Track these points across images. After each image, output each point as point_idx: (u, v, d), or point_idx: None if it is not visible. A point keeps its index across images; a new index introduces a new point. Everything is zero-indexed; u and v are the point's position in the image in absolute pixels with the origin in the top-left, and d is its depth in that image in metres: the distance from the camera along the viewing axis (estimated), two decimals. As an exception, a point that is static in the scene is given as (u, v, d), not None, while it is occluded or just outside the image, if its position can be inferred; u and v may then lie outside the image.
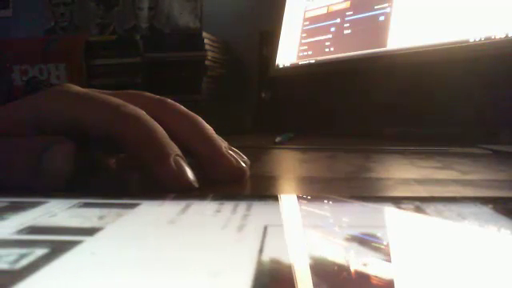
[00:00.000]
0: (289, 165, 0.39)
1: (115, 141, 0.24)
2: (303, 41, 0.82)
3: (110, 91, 0.27)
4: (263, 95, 0.94)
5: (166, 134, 0.24)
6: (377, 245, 0.14)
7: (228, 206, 0.18)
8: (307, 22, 0.82)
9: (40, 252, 0.12)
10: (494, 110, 0.60)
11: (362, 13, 0.70)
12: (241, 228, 0.15)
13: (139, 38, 0.98)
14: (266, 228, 0.15)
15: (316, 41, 0.78)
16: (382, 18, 0.66)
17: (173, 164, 0.23)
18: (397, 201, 0.19)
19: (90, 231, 0.15)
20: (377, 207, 0.19)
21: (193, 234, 0.15)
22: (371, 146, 0.51)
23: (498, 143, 0.48)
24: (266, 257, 0.12)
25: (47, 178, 0.22)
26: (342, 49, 0.72)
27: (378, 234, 0.16)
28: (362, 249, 0.13)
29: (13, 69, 1.02)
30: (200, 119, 0.27)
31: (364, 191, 0.24)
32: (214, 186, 0.25)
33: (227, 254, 0.13)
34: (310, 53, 0.79)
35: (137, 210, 0.18)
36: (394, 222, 0.18)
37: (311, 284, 0.11)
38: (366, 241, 0.14)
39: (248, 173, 0.26)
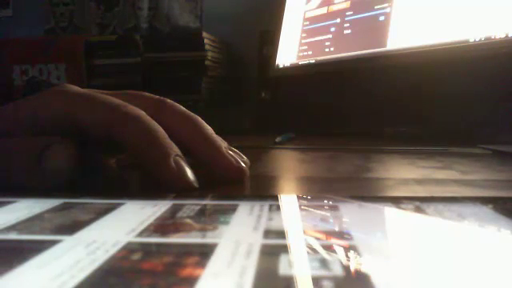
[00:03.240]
0: (289, 165, 0.39)
1: (115, 141, 0.24)
2: (303, 41, 0.82)
3: (110, 91, 0.27)
4: (263, 95, 0.94)
5: (165, 134, 0.24)
6: (377, 245, 0.14)
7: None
8: (307, 22, 0.82)
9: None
10: (494, 109, 0.60)
11: (361, 13, 0.70)
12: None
13: (139, 38, 0.98)
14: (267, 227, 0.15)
15: (316, 41, 0.78)
16: (382, 18, 0.66)
17: (173, 164, 0.23)
18: (397, 201, 0.19)
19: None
20: (377, 207, 0.19)
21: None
22: (371, 146, 0.51)
23: (498, 143, 0.48)
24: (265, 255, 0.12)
25: (47, 177, 0.22)
26: (342, 49, 0.72)
27: (378, 234, 0.16)
28: (361, 249, 0.13)
29: (13, 69, 1.02)
30: (200, 119, 0.27)
31: (364, 191, 0.24)
32: (214, 186, 0.25)
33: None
34: (309, 53, 0.79)
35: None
36: (393, 221, 0.18)
37: (311, 284, 0.11)
38: (365, 241, 0.14)
39: (248, 173, 0.26)
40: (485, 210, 0.18)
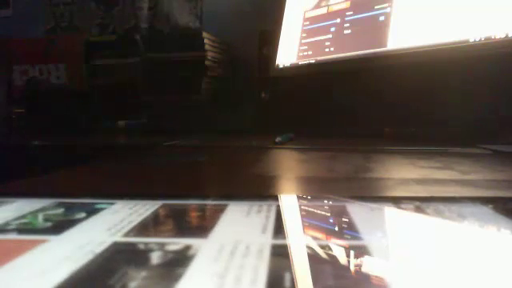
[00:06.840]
0: (289, 165, 0.39)
1: None
2: (303, 41, 0.82)
3: None
4: (263, 95, 0.94)
5: None
6: (377, 245, 0.14)
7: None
8: (307, 22, 0.82)
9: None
10: (493, 110, 0.60)
11: (362, 13, 0.70)
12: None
13: (139, 38, 0.98)
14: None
15: (316, 41, 0.78)
16: (382, 18, 0.66)
17: None
18: (397, 201, 0.19)
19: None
20: (377, 207, 0.19)
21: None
22: (371, 146, 0.51)
23: (498, 143, 0.48)
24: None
25: None
26: (342, 49, 0.72)
27: (378, 234, 0.16)
28: (362, 249, 0.13)
29: (13, 69, 1.02)
30: None
31: (364, 191, 0.24)
32: (214, 186, 0.25)
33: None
34: (309, 53, 0.79)
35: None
36: (393, 221, 0.18)
37: (311, 284, 0.11)
38: (365, 241, 0.14)
39: None
40: (485, 210, 0.18)
